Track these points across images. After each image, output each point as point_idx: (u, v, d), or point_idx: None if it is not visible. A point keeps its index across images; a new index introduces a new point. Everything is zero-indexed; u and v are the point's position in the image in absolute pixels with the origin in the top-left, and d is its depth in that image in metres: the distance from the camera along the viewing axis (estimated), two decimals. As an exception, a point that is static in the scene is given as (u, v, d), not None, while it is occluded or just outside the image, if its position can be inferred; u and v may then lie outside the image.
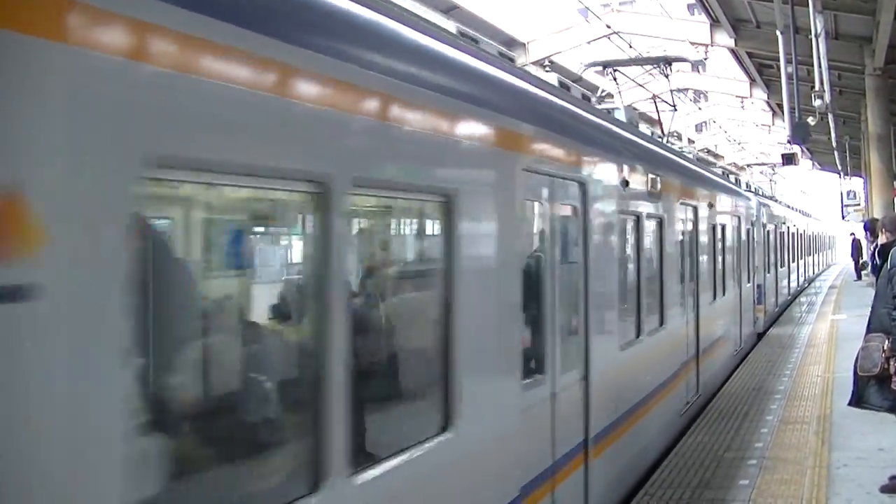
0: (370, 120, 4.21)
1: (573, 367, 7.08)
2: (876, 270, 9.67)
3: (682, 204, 12.05)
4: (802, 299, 33.77)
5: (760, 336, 21.47)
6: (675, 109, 18.32)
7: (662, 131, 17.19)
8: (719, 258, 15.54)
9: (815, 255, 50.52)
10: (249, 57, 3.35)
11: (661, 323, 10.72)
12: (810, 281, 43.77)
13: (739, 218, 18.00)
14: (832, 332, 21.13)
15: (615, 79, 15.86)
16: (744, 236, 18.71)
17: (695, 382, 12.74)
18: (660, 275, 10.75)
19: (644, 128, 14.76)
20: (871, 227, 11.88)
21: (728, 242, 16.42)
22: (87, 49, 2.66)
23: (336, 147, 3.92)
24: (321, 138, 3.82)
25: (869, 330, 8.26)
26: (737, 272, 17.52)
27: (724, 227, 15.90)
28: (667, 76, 16.67)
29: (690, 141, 41.58)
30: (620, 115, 11.13)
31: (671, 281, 11.26)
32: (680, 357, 11.85)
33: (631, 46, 25.69)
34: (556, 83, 8.76)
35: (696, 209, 13.04)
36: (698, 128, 51.22)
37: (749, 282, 19.59)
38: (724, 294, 15.77)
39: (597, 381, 7.45)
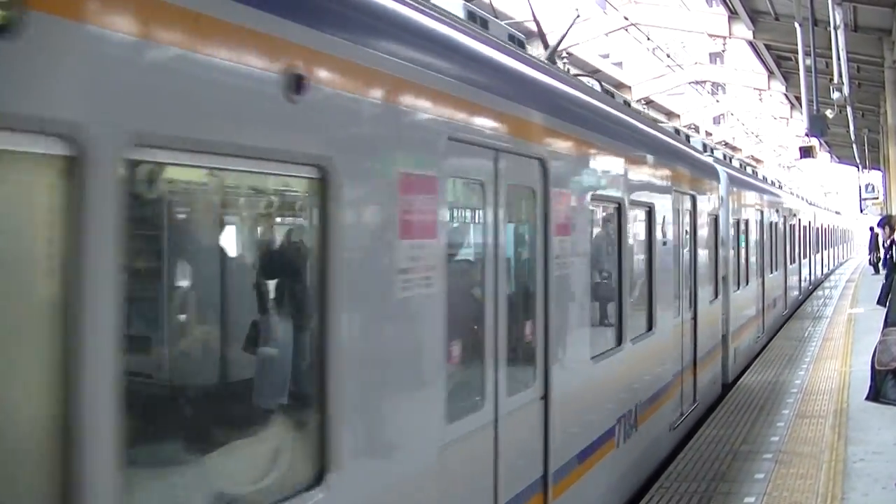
0: None
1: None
2: (887, 265, 9.63)
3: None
4: (819, 293, 33.64)
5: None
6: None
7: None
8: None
9: (832, 249, 50.31)
10: None
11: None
12: (827, 275, 43.62)
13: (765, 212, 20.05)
14: (849, 325, 21.05)
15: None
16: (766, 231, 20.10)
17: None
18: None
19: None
20: (885, 224, 11.73)
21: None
22: None
23: None
24: None
25: (886, 324, 8.25)
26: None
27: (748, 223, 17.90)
28: None
29: (708, 133, 41.42)
30: None
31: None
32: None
33: (649, 38, 25.57)
34: None
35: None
36: (716, 120, 51.03)
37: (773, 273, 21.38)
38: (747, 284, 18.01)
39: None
